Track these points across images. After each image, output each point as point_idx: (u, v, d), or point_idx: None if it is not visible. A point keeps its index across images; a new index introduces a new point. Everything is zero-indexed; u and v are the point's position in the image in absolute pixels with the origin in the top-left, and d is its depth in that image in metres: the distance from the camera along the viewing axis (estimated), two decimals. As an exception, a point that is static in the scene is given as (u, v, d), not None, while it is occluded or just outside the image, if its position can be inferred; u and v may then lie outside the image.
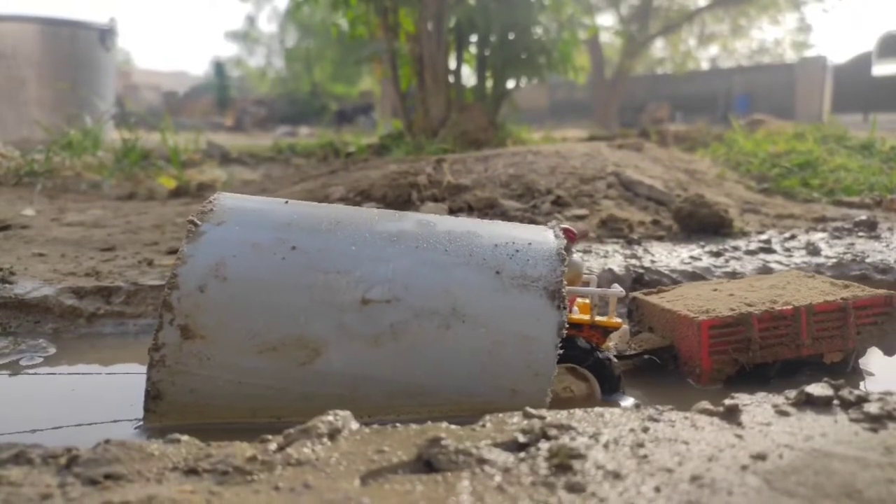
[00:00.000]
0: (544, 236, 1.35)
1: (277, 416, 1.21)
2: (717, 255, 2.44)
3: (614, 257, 2.37)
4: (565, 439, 0.93)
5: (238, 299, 1.18)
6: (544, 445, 0.91)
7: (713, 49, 24.67)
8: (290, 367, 1.18)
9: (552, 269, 1.26)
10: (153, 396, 1.18)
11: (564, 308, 1.22)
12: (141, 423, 1.23)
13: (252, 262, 1.21)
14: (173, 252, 2.42)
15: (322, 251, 1.24)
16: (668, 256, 2.41)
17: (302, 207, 1.37)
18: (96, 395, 1.50)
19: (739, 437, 0.94)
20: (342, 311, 1.19)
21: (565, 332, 1.22)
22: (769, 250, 2.49)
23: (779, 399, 1.08)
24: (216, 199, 1.33)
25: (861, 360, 1.62)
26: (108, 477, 0.83)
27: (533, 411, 1.04)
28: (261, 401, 1.20)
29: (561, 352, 1.22)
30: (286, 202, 1.38)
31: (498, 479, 0.83)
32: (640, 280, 2.21)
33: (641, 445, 0.91)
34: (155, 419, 1.20)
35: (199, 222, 1.26)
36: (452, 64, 6.44)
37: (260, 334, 1.18)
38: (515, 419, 1.02)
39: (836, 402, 1.05)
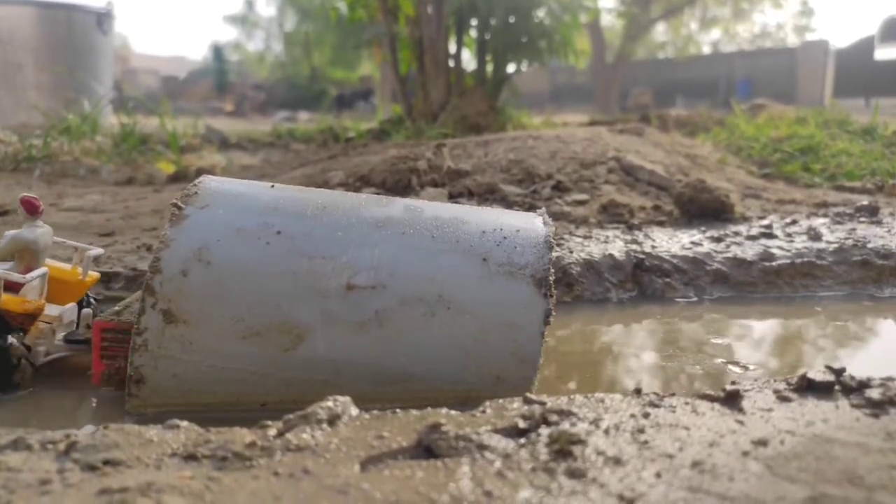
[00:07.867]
0: (533, 223, 1.33)
1: (261, 401, 1.20)
2: (718, 240, 2.43)
3: (615, 243, 2.36)
4: (566, 425, 0.92)
5: (221, 284, 1.17)
6: (545, 431, 0.90)
7: (715, 33, 24.57)
8: (273, 352, 1.17)
9: (539, 256, 1.24)
10: (136, 381, 1.17)
11: (551, 296, 1.21)
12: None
13: (236, 247, 1.19)
14: (172, 237, 2.40)
15: (307, 236, 1.22)
16: (668, 242, 2.40)
17: (288, 192, 1.35)
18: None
19: (741, 422, 0.94)
20: (327, 296, 1.18)
21: None
22: (770, 235, 2.49)
23: (780, 385, 1.08)
24: (201, 182, 1.31)
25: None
26: (106, 463, 0.83)
27: (533, 397, 1.04)
28: (244, 386, 1.19)
29: None
30: (272, 186, 1.36)
31: (498, 464, 0.83)
32: (641, 265, 2.20)
33: (642, 431, 0.91)
34: (138, 403, 1.19)
35: (182, 205, 1.23)
36: (452, 48, 6.39)
37: (243, 319, 1.16)
38: (516, 405, 1.02)
39: (837, 387, 1.05)
